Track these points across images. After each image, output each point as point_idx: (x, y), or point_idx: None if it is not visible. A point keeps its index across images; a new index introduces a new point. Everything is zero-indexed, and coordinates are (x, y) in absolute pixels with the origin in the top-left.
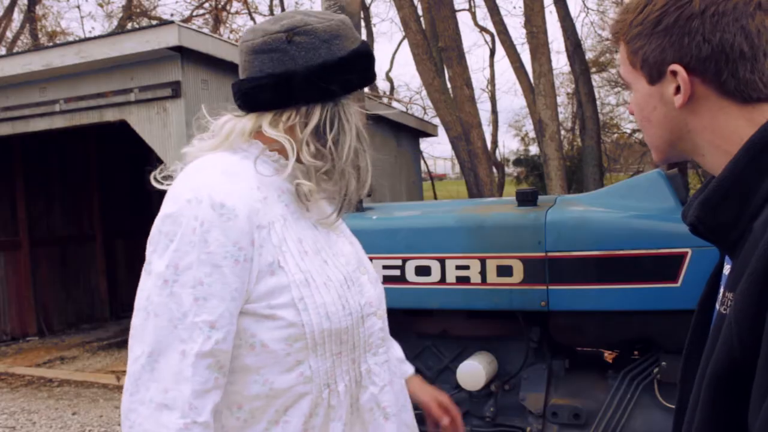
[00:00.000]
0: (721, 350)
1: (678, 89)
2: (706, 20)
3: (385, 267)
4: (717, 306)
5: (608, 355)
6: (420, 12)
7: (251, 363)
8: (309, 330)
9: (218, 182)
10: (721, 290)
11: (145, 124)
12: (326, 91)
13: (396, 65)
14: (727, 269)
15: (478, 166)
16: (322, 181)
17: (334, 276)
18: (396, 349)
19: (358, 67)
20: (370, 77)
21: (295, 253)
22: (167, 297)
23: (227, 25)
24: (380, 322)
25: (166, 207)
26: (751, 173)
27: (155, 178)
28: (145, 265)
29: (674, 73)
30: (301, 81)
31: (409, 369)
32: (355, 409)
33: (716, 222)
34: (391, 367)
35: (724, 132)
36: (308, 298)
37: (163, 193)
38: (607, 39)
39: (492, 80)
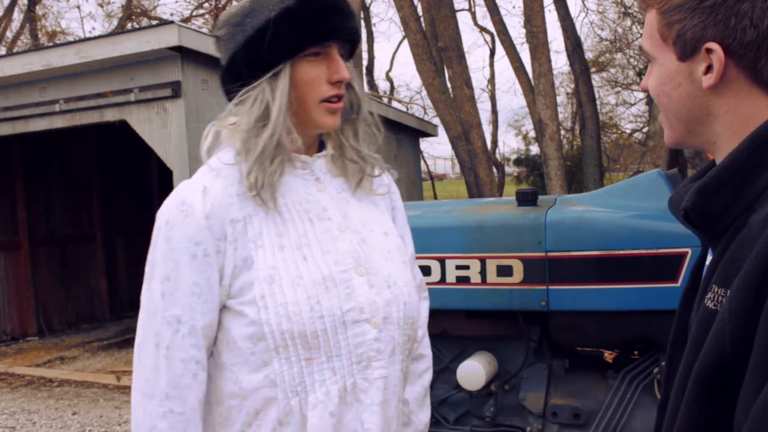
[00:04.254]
0: (710, 346)
1: (708, 69)
2: (757, 4)
3: None
4: (704, 300)
5: (608, 355)
6: (420, 12)
7: (226, 360)
8: (268, 329)
9: (196, 179)
10: (704, 284)
11: (145, 124)
12: (237, 75)
13: (396, 65)
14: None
15: (478, 166)
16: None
17: (310, 275)
18: (414, 388)
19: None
20: (270, 48)
21: (268, 248)
22: (147, 292)
23: None
24: (375, 332)
25: None
26: (750, 165)
27: None
28: None
29: (709, 52)
30: (223, 70)
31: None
32: (337, 430)
33: (709, 209)
34: (389, 385)
35: (744, 120)
36: (269, 296)
37: (162, 194)
38: (607, 39)
39: (492, 80)
